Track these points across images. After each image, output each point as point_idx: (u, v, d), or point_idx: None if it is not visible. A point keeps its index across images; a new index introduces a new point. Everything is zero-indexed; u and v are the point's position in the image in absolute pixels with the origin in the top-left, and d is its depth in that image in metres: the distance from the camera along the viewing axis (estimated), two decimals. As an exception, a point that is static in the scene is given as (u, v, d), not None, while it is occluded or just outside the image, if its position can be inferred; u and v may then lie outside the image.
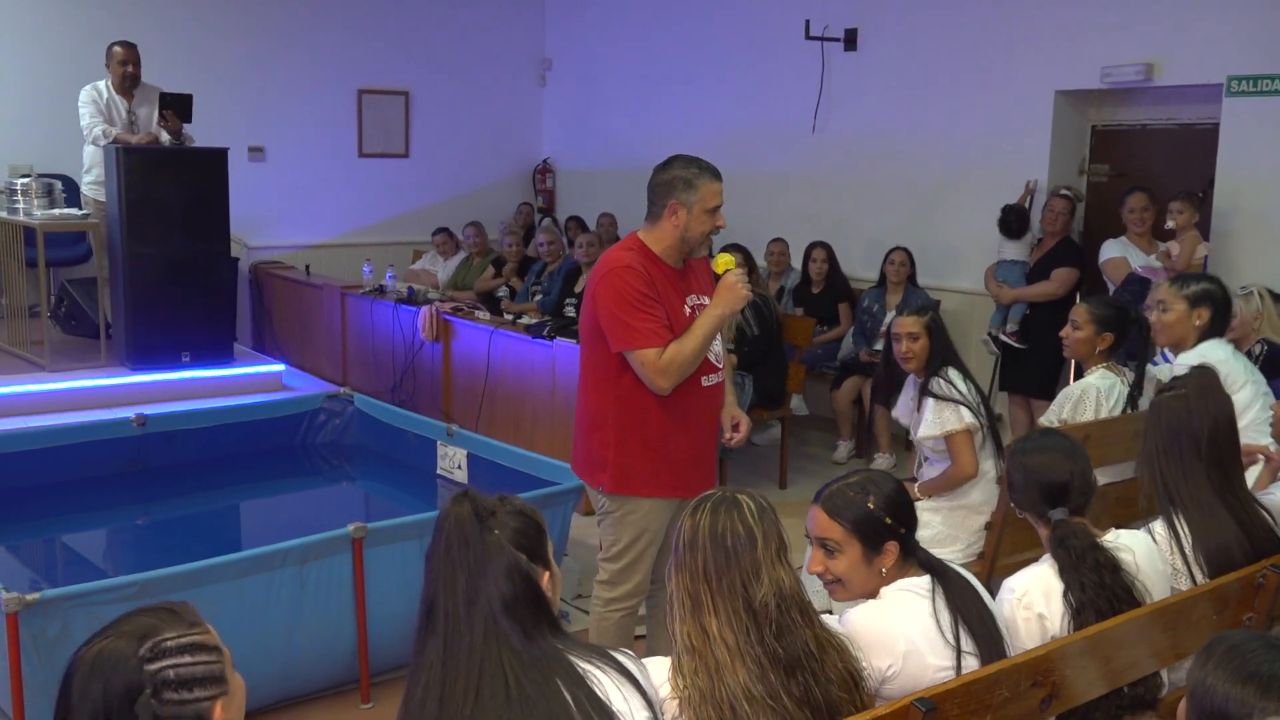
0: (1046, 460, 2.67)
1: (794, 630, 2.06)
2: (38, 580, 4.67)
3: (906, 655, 2.30)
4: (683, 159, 3.38)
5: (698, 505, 2.15)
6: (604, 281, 3.34)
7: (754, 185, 8.39)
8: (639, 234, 3.44)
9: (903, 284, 6.92)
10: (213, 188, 6.74)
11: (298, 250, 9.39)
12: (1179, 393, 2.97)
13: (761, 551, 2.08)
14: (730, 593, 2.05)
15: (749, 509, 2.12)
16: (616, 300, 3.29)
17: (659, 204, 3.36)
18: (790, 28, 7.88)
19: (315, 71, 9.42)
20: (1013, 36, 6.79)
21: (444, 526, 1.91)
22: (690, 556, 2.09)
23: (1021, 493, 2.70)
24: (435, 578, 1.89)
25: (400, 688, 3.94)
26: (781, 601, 2.07)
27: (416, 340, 7.25)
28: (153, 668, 1.51)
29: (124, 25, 7.80)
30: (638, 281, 3.29)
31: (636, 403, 3.37)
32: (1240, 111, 5.79)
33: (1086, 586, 2.51)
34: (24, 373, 6.59)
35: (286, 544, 3.72)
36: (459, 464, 5.37)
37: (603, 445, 3.43)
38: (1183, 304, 3.93)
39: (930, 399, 4.03)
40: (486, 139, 10.36)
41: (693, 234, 3.36)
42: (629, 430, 3.39)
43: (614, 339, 3.31)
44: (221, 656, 1.60)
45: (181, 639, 1.55)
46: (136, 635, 1.54)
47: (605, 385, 3.41)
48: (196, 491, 5.70)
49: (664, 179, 3.36)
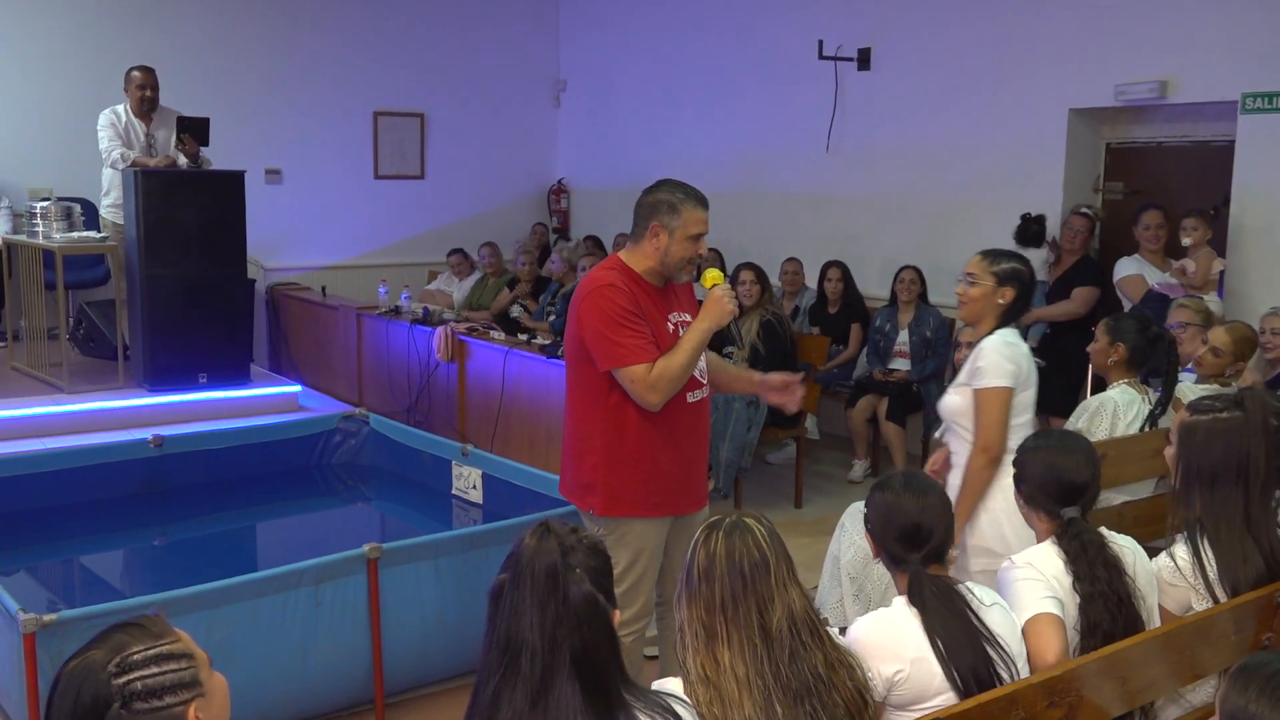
0: (1072, 461, 2.70)
1: (805, 653, 2.05)
2: (55, 601, 4.70)
3: (915, 662, 2.31)
4: (671, 183, 3.37)
5: (709, 533, 2.12)
6: (587, 301, 3.32)
7: (767, 204, 8.41)
8: (620, 254, 3.44)
9: (914, 302, 6.91)
10: (230, 210, 6.79)
11: (314, 271, 9.44)
12: (1235, 414, 2.87)
13: (775, 575, 2.07)
14: (745, 621, 2.04)
15: (759, 533, 2.11)
16: (602, 319, 3.27)
17: (642, 225, 3.35)
18: (804, 47, 7.90)
19: (331, 94, 9.48)
20: (1026, 55, 6.79)
21: (526, 562, 1.86)
22: (706, 587, 2.07)
23: (1038, 486, 2.73)
24: (513, 615, 1.83)
25: (415, 709, 3.96)
26: (793, 625, 2.06)
27: (432, 360, 7.27)
28: (120, 681, 1.60)
29: (142, 49, 7.87)
30: (622, 299, 3.28)
31: (624, 422, 3.35)
32: (1255, 128, 5.77)
33: (1098, 579, 2.56)
34: (43, 394, 6.63)
35: (302, 564, 3.73)
36: (474, 484, 5.37)
37: (592, 467, 3.40)
38: (990, 280, 3.45)
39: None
40: (501, 160, 10.40)
41: (672, 259, 3.34)
42: (617, 451, 3.36)
43: (602, 357, 3.30)
44: (194, 661, 1.67)
45: (148, 651, 1.63)
46: (107, 650, 1.62)
47: (592, 406, 3.39)
48: (213, 512, 5.72)
49: (649, 200, 3.34)
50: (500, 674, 1.83)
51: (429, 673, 4.10)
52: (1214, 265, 5.60)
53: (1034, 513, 2.78)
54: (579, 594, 1.83)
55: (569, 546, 1.87)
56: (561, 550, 1.85)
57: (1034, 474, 2.74)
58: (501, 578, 1.89)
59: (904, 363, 6.83)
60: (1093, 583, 2.56)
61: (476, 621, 4.01)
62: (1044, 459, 2.73)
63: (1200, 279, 5.57)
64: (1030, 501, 2.78)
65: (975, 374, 3.39)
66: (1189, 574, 2.79)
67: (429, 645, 4.03)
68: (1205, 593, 2.77)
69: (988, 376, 3.37)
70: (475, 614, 4.05)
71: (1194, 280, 5.58)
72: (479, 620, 4.11)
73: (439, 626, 4.03)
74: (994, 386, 3.36)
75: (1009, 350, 3.38)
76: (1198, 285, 5.60)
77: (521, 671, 1.81)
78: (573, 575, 1.84)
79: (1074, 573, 2.59)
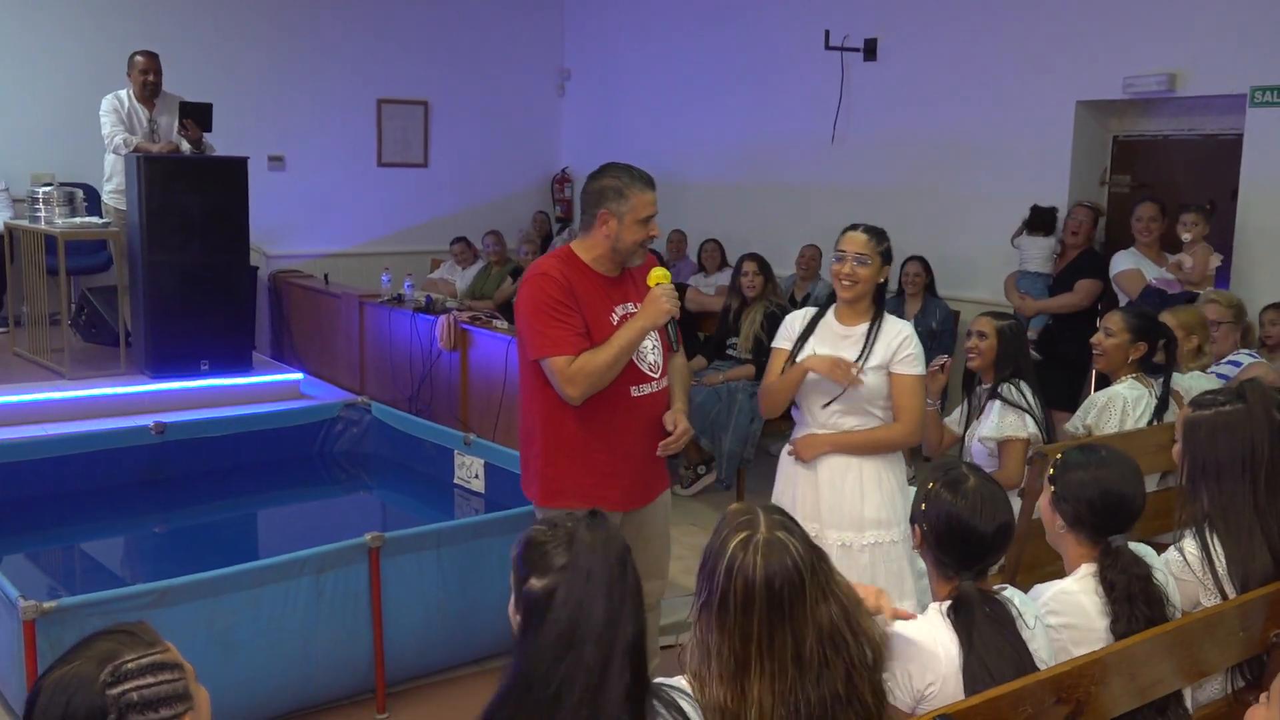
0: (1131, 485, 2.53)
1: (828, 672, 1.94)
2: (56, 588, 4.68)
3: (947, 678, 2.23)
4: (615, 167, 3.32)
5: (743, 554, 1.93)
6: (521, 290, 3.33)
7: (772, 195, 8.38)
8: (572, 244, 3.40)
9: (920, 294, 6.88)
10: (233, 197, 6.76)
11: (317, 259, 9.41)
12: (1238, 407, 2.85)
13: (809, 596, 1.92)
14: (780, 651, 1.91)
15: (794, 546, 1.94)
16: (531, 308, 3.26)
17: (590, 213, 3.31)
18: (810, 38, 7.86)
19: (335, 81, 9.45)
20: (1034, 47, 6.75)
21: (588, 550, 1.81)
22: (744, 618, 1.91)
23: (1090, 508, 2.50)
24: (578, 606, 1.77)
25: (416, 698, 3.95)
26: (821, 644, 1.93)
27: (434, 349, 7.25)
28: (115, 691, 1.53)
29: (146, 34, 7.84)
30: (553, 289, 3.24)
31: (560, 413, 3.31)
32: (1264, 122, 5.74)
33: (1137, 618, 2.41)
34: (44, 380, 6.61)
35: (303, 553, 3.71)
36: (476, 473, 5.36)
37: (535, 457, 3.39)
38: (878, 259, 3.46)
39: (998, 401, 4.00)
40: (505, 149, 10.37)
41: (624, 244, 3.29)
42: (554, 441, 3.34)
43: (529, 347, 3.28)
44: (184, 673, 1.61)
45: (142, 660, 1.57)
46: (97, 659, 1.55)
47: (534, 395, 3.37)
48: (214, 499, 5.71)
49: (595, 188, 3.30)
50: (560, 668, 1.76)
51: (431, 662, 4.09)
52: (1210, 260, 5.57)
53: (1072, 535, 2.55)
54: (635, 579, 1.83)
55: (616, 534, 1.87)
56: (617, 538, 1.85)
57: (1087, 495, 2.51)
58: (553, 578, 1.80)
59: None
60: (1131, 622, 2.41)
61: (479, 611, 4.04)
62: (1099, 478, 2.51)
63: (1198, 274, 5.54)
64: (1076, 524, 2.53)
65: (911, 360, 3.45)
66: (1198, 569, 2.77)
67: (431, 635, 4.02)
68: (1214, 588, 2.75)
69: (919, 363, 3.47)
70: (478, 603, 4.08)
71: (1191, 276, 5.55)
72: (481, 609, 4.13)
73: (441, 616, 4.02)
74: (920, 374, 3.49)
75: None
76: (1195, 281, 5.56)
77: (585, 663, 1.76)
78: (630, 561, 1.84)
79: (1114, 613, 2.43)
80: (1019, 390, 4.01)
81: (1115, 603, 2.45)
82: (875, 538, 3.45)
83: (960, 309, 7.03)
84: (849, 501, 3.46)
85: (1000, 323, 4.10)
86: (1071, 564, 2.59)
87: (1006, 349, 4.06)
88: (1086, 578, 2.53)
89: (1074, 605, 2.49)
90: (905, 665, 2.24)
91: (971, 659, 2.23)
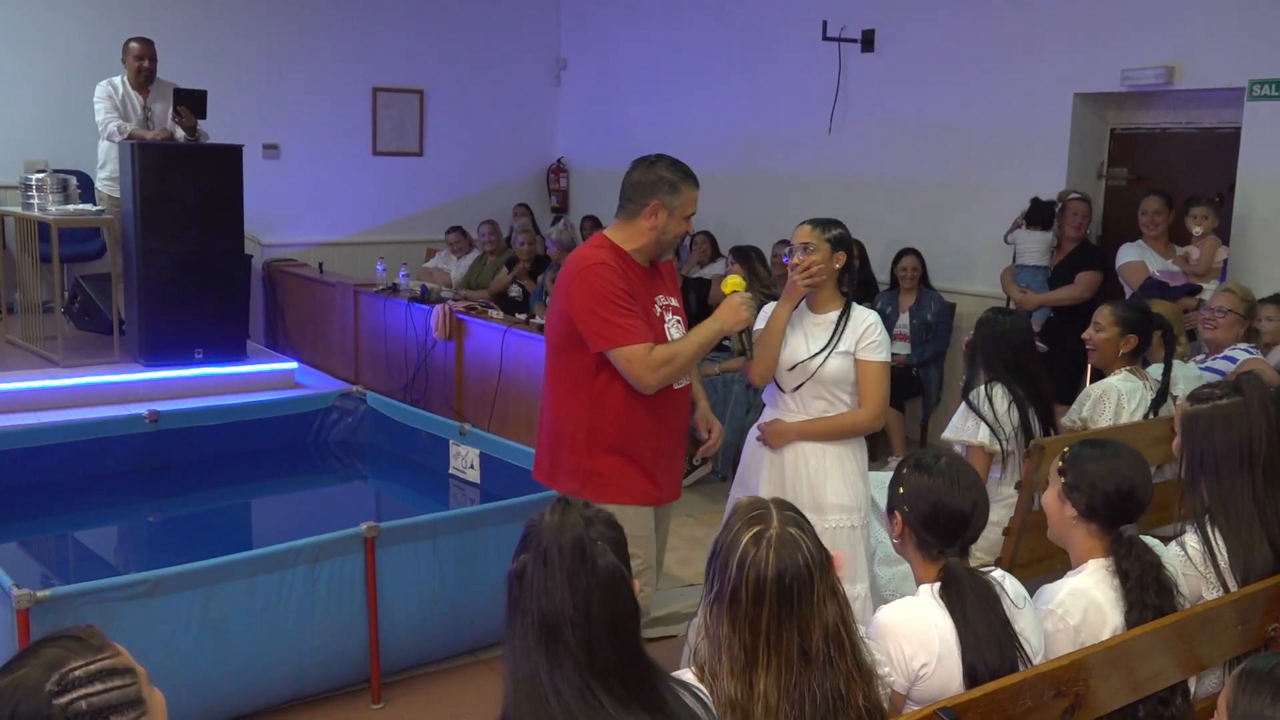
0: (1140, 475, 2.54)
1: (831, 670, 1.96)
2: (50, 577, 4.67)
3: (941, 658, 2.25)
4: (667, 160, 3.32)
5: (756, 547, 1.95)
6: (579, 280, 3.23)
7: (769, 186, 8.36)
8: (607, 233, 3.36)
9: (915, 288, 6.88)
10: (227, 184, 6.74)
11: (311, 248, 9.38)
12: (1235, 400, 2.86)
13: (817, 590, 1.95)
14: (788, 645, 1.94)
15: (806, 546, 1.96)
16: (595, 298, 3.19)
17: (639, 202, 3.28)
18: (807, 28, 7.84)
19: (330, 69, 9.41)
20: (1031, 39, 6.74)
21: (550, 538, 1.82)
22: (754, 610, 1.93)
23: (1108, 503, 2.51)
24: (545, 593, 1.79)
25: (412, 688, 3.95)
26: (827, 641, 1.96)
27: (429, 339, 7.23)
28: (63, 700, 1.47)
29: (140, 21, 7.80)
30: (616, 278, 3.21)
31: (609, 407, 3.28)
32: (1262, 115, 5.73)
33: (1148, 606, 2.45)
34: (37, 368, 6.59)
35: (298, 543, 3.70)
36: (471, 463, 5.35)
37: (571, 452, 3.34)
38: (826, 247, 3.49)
39: (963, 404, 4.01)
40: (501, 138, 10.34)
41: (668, 236, 3.31)
42: (599, 435, 3.30)
43: (596, 338, 3.21)
44: (136, 677, 1.55)
45: (90, 666, 1.51)
46: (43, 667, 1.49)
47: (577, 390, 3.30)
48: (208, 489, 5.69)
49: (649, 178, 3.28)
50: (544, 654, 1.78)
51: (426, 652, 4.08)
52: (1218, 253, 5.58)
53: (1084, 525, 2.56)
54: (605, 565, 1.81)
55: (589, 519, 1.85)
56: (584, 522, 1.83)
57: (1102, 485, 2.52)
58: (523, 558, 1.84)
59: (903, 346, 6.80)
60: (1143, 610, 2.44)
61: (474, 601, 4.03)
62: (1114, 469, 2.53)
63: (1204, 267, 5.55)
64: (1089, 514, 2.54)
65: (876, 347, 3.50)
66: (1200, 563, 2.78)
67: (426, 625, 4.01)
68: (1216, 582, 2.75)
69: (884, 350, 3.52)
70: (473, 593, 4.07)
71: (1197, 268, 5.57)
72: (477, 600, 4.13)
73: (436, 606, 4.01)
74: (885, 360, 3.53)
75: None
76: (1200, 273, 5.58)
77: (568, 646, 1.77)
78: (597, 547, 1.82)
79: (1129, 601, 2.46)
80: (988, 396, 3.98)
81: (1130, 592, 2.47)
82: (837, 521, 3.49)
83: (957, 301, 7.03)
84: (812, 485, 3.49)
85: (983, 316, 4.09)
86: (1080, 556, 2.59)
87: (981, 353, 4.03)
88: (1098, 571, 2.53)
89: (1088, 603, 2.49)
90: (898, 644, 2.26)
91: (966, 632, 2.25)
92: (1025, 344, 4.09)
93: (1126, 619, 2.46)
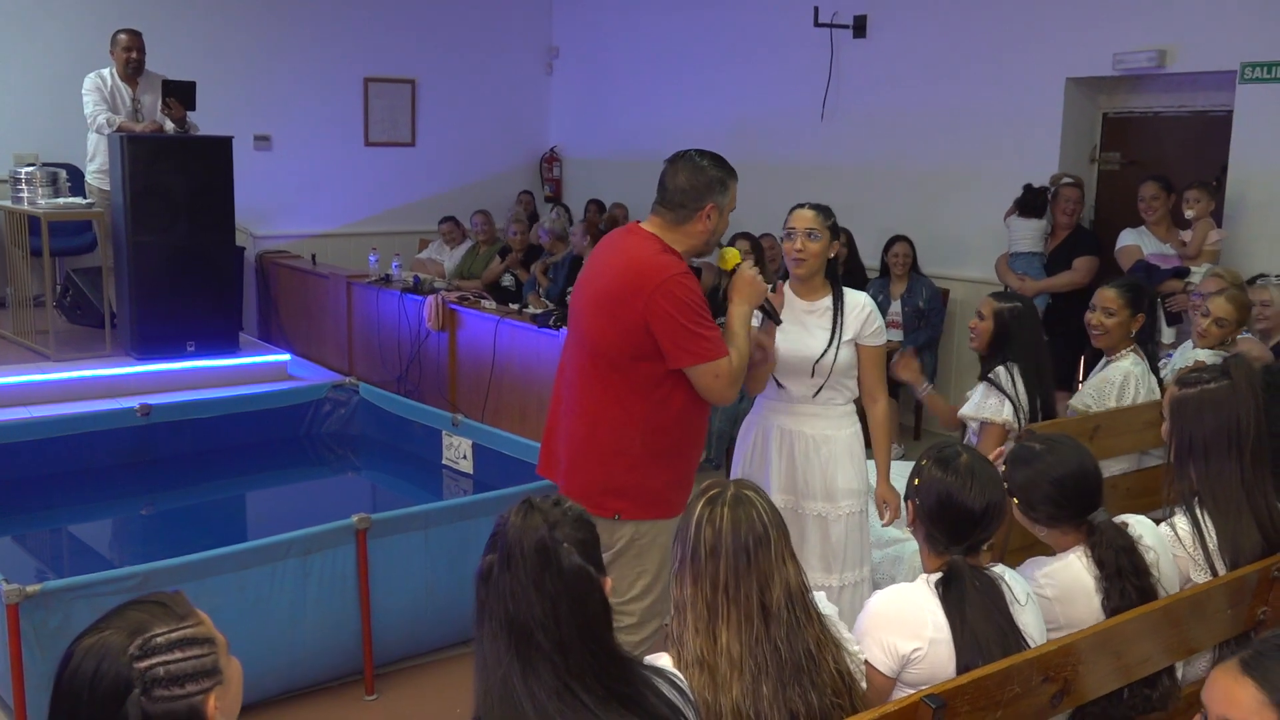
0: (1070, 462, 2.54)
1: (799, 630, 2.02)
2: (43, 570, 4.67)
3: (934, 643, 2.25)
4: (710, 156, 3.16)
5: (711, 507, 2.06)
6: (662, 292, 2.99)
7: (762, 173, 8.32)
8: (654, 232, 3.13)
9: (906, 274, 6.87)
10: (218, 176, 6.71)
11: (304, 239, 9.37)
12: (1223, 383, 2.86)
13: (775, 549, 2.03)
14: (746, 599, 2.00)
15: (761, 505, 2.06)
16: (684, 311, 3.00)
17: (695, 204, 3.09)
18: (799, 15, 7.81)
19: (321, 60, 9.38)
20: (1023, 23, 6.72)
21: (514, 540, 1.82)
22: (712, 565, 2.01)
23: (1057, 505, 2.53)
24: (512, 597, 1.79)
25: (404, 680, 3.95)
26: (790, 601, 2.03)
27: (422, 330, 7.22)
28: (142, 665, 1.51)
29: (128, 12, 7.76)
30: (697, 286, 3.07)
31: (664, 419, 3.12)
32: (1254, 98, 5.72)
33: (1127, 592, 2.45)
34: (29, 362, 6.57)
35: (290, 535, 3.69)
36: (464, 454, 5.34)
37: (626, 469, 3.12)
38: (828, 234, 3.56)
39: (984, 383, 3.99)
40: (493, 128, 10.32)
41: (717, 236, 3.20)
42: (655, 450, 3.13)
43: (682, 353, 3.03)
44: (215, 648, 1.58)
45: (172, 634, 1.54)
46: (127, 631, 1.53)
47: (632, 405, 3.09)
48: (201, 481, 5.69)
49: (701, 180, 3.09)
50: (516, 657, 1.78)
51: (419, 644, 4.08)
52: (1211, 236, 5.57)
53: (1056, 530, 2.58)
54: (571, 567, 1.81)
55: (554, 521, 1.83)
56: (548, 525, 1.82)
57: (1045, 492, 2.53)
58: (490, 558, 1.84)
59: (896, 333, 6.79)
60: (1123, 596, 2.45)
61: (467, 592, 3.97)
62: (1044, 473, 2.53)
63: (1195, 250, 5.55)
64: (1052, 522, 2.57)
65: (879, 332, 3.54)
66: (1189, 545, 2.78)
67: (418, 616, 4.01)
68: (1205, 564, 2.76)
69: (884, 334, 3.57)
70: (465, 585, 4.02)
71: (1189, 251, 5.57)
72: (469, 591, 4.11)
73: (428, 597, 4.01)
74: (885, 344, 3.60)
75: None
76: (1192, 255, 5.58)
77: (541, 649, 1.77)
78: (562, 549, 1.81)
79: (1105, 589, 2.47)
80: (1010, 374, 3.98)
81: (1107, 579, 2.48)
82: (849, 507, 3.51)
83: (950, 287, 7.02)
84: (825, 473, 3.49)
85: (1001, 305, 4.00)
86: (1061, 549, 2.61)
87: (1001, 332, 4.02)
88: (1081, 559, 2.54)
89: (1070, 578, 2.51)
90: (887, 634, 2.27)
91: (965, 633, 2.25)
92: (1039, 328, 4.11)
93: (1105, 605, 2.47)
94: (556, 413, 3.36)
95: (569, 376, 3.27)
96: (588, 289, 3.21)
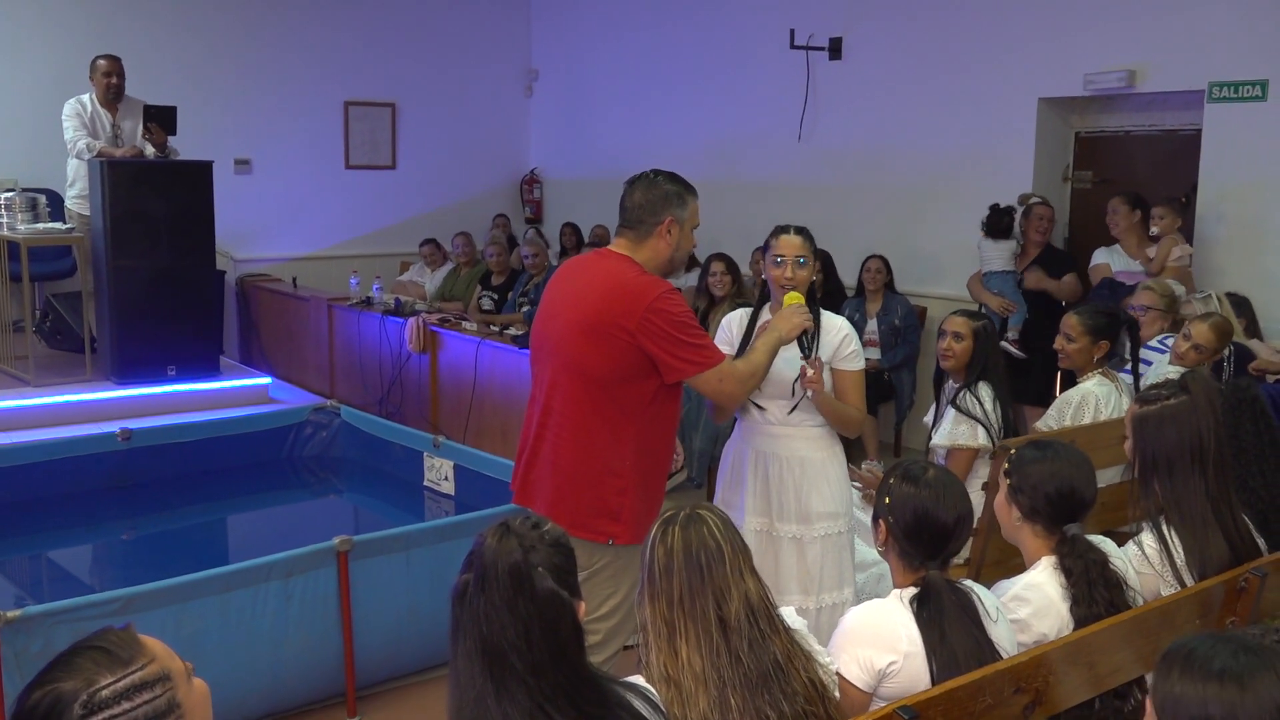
0: (1082, 475, 2.60)
1: (764, 642, 2.05)
2: (23, 596, 4.65)
3: (909, 656, 2.28)
4: (665, 174, 3.23)
5: (665, 529, 2.11)
6: (654, 310, 3.03)
7: (739, 194, 8.40)
8: (624, 254, 3.18)
9: (880, 291, 6.93)
10: (198, 201, 6.73)
11: (285, 263, 9.37)
12: (1182, 399, 2.90)
13: (730, 564, 2.07)
14: (703, 614, 2.03)
15: (713, 523, 2.11)
16: (676, 325, 3.05)
17: (651, 220, 3.15)
18: (775, 37, 7.90)
19: (301, 84, 9.41)
20: (996, 44, 6.82)
21: (489, 564, 1.84)
22: (665, 583, 2.06)
23: (1046, 499, 2.57)
24: (486, 620, 1.81)
25: (387, 702, 3.95)
26: (751, 614, 2.06)
27: (404, 352, 7.24)
28: None
29: (108, 37, 7.79)
30: (684, 301, 3.11)
31: (651, 441, 3.17)
32: (1222, 117, 5.82)
33: (1096, 601, 2.49)
34: (8, 388, 6.56)
35: (272, 558, 3.70)
36: (446, 475, 5.36)
37: (617, 493, 3.12)
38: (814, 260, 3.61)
39: (953, 409, 4.05)
40: (473, 150, 10.36)
41: (681, 253, 3.24)
42: (642, 470, 3.15)
43: (683, 365, 3.07)
44: (169, 684, 1.53)
45: (118, 684, 1.49)
46: (73, 683, 1.47)
47: (622, 427, 3.11)
48: (182, 505, 5.69)
49: (658, 195, 3.16)
50: (490, 679, 1.80)
51: (401, 665, 4.08)
52: (1174, 251, 5.64)
53: (1029, 526, 2.62)
54: (544, 591, 1.83)
55: (530, 545, 1.85)
56: (523, 549, 1.84)
57: (1044, 487, 2.58)
58: (465, 578, 1.87)
59: (874, 352, 6.85)
60: (1091, 605, 2.49)
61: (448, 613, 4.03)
62: (1055, 471, 2.58)
63: (1158, 265, 5.62)
64: (1032, 515, 2.61)
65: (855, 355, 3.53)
66: (1156, 562, 2.82)
67: (400, 638, 4.02)
68: (1173, 580, 2.80)
69: (860, 358, 3.55)
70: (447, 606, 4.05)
71: (1152, 267, 5.64)
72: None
73: (410, 619, 4.02)
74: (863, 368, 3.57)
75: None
76: (1155, 272, 5.64)
77: (514, 672, 1.79)
78: (535, 574, 1.83)
79: (1074, 596, 2.51)
80: (977, 398, 4.04)
81: (1075, 587, 2.52)
82: (825, 529, 3.48)
83: (926, 305, 7.08)
84: (799, 495, 3.48)
85: (976, 324, 4.10)
86: (1031, 556, 2.65)
87: (980, 351, 4.09)
88: (1048, 569, 2.59)
89: (1042, 595, 2.55)
90: (862, 648, 2.30)
91: (942, 648, 2.28)
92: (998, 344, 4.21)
93: (1073, 613, 2.51)
94: (529, 439, 3.34)
95: (551, 403, 3.24)
96: (568, 314, 3.18)
